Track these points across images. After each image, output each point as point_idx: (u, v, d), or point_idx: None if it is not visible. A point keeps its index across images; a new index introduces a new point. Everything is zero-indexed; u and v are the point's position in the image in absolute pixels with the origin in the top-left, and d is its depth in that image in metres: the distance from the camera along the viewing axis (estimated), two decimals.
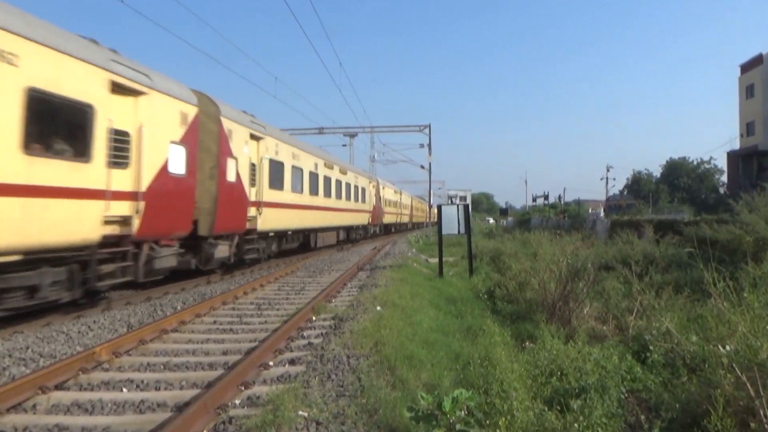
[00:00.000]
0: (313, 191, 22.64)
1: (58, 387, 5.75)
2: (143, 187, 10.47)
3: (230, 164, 14.34)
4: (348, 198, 29.86)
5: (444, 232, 17.12)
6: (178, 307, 10.54)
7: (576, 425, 4.58)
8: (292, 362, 6.77)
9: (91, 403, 5.30)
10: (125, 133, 10.16)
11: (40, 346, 7.45)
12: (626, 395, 6.23)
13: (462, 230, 17.05)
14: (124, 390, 5.79)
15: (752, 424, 4.67)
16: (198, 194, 12.86)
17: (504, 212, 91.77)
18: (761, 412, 4.63)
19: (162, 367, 6.67)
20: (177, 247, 12.14)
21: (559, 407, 5.29)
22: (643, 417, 4.96)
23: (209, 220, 13.25)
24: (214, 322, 9.31)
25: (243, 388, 5.69)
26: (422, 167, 49.12)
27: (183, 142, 12.03)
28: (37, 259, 8.31)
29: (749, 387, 4.86)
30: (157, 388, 5.85)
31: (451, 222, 16.94)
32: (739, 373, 5.00)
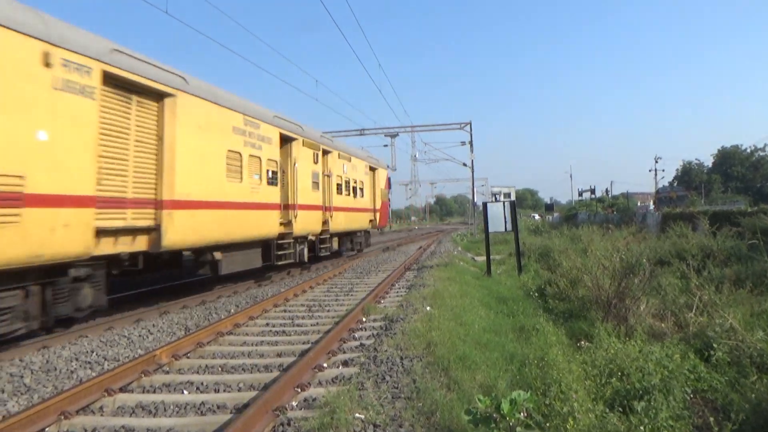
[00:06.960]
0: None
1: (123, 389, 5.96)
2: None
3: None
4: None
5: (490, 229, 16.93)
6: (232, 310, 10.78)
7: (641, 428, 4.43)
8: (345, 364, 6.81)
9: (154, 405, 5.47)
10: None
11: (104, 350, 7.74)
12: (691, 396, 5.99)
13: (509, 227, 16.83)
14: (185, 392, 5.95)
15: None
16: None
17: (549, 208, 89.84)
18: None
19: (219, 369, 6.83)
20: None
21: (621, 409, 5.14)
22: (711, 419, 4.76)
23: None
24: (267, 324, 9.46)
25: (299, 390, 5.75)
26: (465, 165, 48.65)
27: None
28: None
29: None
30: (216, 390, 5.99)
31: (498, 219, 16.75)
32: None
